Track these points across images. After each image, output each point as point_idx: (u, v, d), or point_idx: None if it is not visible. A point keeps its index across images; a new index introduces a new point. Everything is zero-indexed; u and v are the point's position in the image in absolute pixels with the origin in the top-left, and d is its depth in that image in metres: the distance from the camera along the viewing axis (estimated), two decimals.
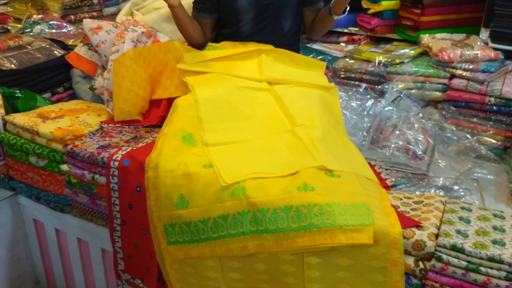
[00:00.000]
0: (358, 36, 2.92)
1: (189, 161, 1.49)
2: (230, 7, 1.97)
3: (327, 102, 1.91)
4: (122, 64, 1.89)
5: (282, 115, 1.71)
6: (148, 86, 1.97)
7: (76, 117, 2.01)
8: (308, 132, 1.62)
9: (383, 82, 2.51)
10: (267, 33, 2.02)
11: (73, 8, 2.96)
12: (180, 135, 1.59)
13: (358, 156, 1.76)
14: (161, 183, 1.49)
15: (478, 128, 2.34)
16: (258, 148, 1.58)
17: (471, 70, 2.31)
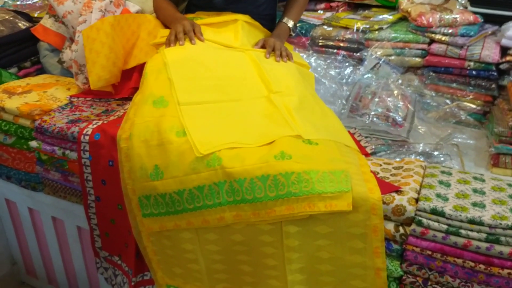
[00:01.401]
0: (336, 3, 2.85)
1: (162, 127, 1.43)
2: None
3: (303, 74, 1.87)
4: (101, 30, 1.79)
5: (258, 79, 1.65)
6: (122, 56, 1.89)
7: (44, 91, 1.92)
8: (284, 100, 1.57)
9: (361, 49, 2.46)
10: (240, 4, 1.94)
11: None
12: (151, 100, 1.52)
13: (337, 123, 1.72)
14: (135, 154, 1.43)
15: (457, 93, 2.32)
16: (233, 112, 1.52)
17: (450, 35, 2.28)
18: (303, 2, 2.11)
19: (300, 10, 2.09)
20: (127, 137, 1.46)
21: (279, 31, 1.98)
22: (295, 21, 2.04)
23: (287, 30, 2.01)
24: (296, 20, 2.06)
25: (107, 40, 1.79)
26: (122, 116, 1.65)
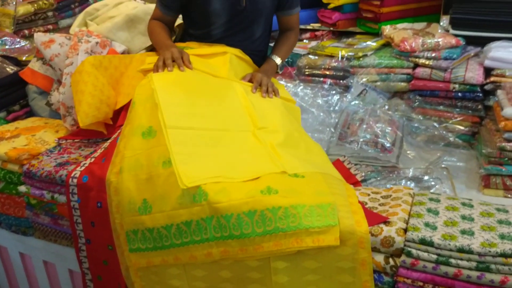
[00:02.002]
0: (321, 32, 2.90)
1: (151, 160, 1.43)
2: (202, 9, 1.90)
3: (289, 108, 1.88)
4: (83, 72, 1.81)
5: (245, 112, 1.66)
6: (111, 92, 1.89)
7: (33, 135, 1.93)
8: (269, 136, 1.57)
9: (347, 77, 2.49)
10: (238, 38, 1.96)
11: (27, 22, 2.86)
12: (140, 132, 1.51)
13: (322, 157, 1.73)
14: (124, 187, 1.44)
15: (445, 115, 2.34)
16: (219, 142, 1.51)
17: (433, 58, 2.31)
18: (292, 41, 2.13)
19: (289, 49, 2.12)
20: (118, 171, 1.47)
21: (266, 67, 2.00)
22: (282, 59, 2.06)
23: (274, 66, 2.03)
24: (283, 58, 2.08)
25: (89, 79, 1.81)
26: (108, 150, 1.65)
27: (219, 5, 1.87)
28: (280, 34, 2.15)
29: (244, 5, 1.88)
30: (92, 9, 2.32)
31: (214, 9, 1.87)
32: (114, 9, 2.28)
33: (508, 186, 1.93)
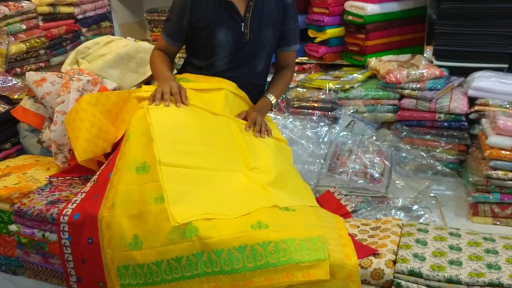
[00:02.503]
0: (308, 65, 2.97)
1: (142, 196, 1.45)
2: (207, 40, 1.93)
3: (281, 148, 1.90)
4: (80, 110, 1.84)
5: (238, 151, 1.68)
6: (110, 128, 1.91)
7: (24, 173, 1.94)
8: (260, 176, 1.60)
9: (335, 108, 2.54)
10: (240, 71, 1.99)
11: (19, 60, 2.91)
12: (134, 167, 1.53)
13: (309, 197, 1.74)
14: (116, 222, 1.45)
15: (432, 145, 2.38)
16: (211, 181, 1.53)
17: (418, 89, 2.37)
18: (288, 80, 2.16)
19: (284, 87, 2.15)
20: (110, 206, 1.48)
21: (261, 105, 2.03)
22: (277, 98, 2.09)
23: (269, 105, 2.06)
24: (278, 97, 2.10)
25: (86, 116, 1.83)
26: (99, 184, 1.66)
27: (224, 37, 1.91)
28: (276, 71, 2.18)
29: (248, 38, 1.93)
30: (84, 48, 2.36)
31: (219, 41, 1.91)
32: (105, 47, 2.33)
33: (496, 213, 1.96)
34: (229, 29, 1.89)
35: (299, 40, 2.11)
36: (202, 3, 1.86)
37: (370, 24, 2.69)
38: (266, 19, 1.92)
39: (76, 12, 3.35)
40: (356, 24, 2.74)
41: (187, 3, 1.86)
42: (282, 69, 2.13)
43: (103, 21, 3.66)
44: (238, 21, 1.88)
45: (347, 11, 2.77)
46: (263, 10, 1.90)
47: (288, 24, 1.99)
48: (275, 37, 1.99)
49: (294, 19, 2.03)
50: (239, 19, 1.88)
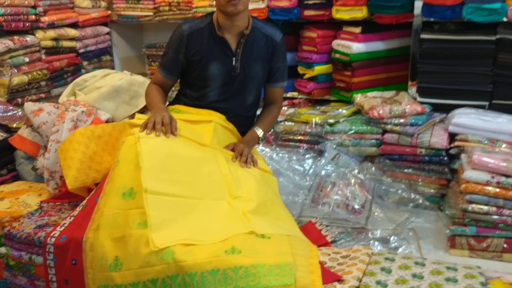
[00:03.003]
0: (298, 100, 3.08)
1: (126, 220, 1.52)
2: (200, 73, 2.05)
3: (266, 178, 1.98)
4: (74, 141, 1.94)
5: (222, 180, 1.76)
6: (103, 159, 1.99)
7: (16, 198, 2.03)
8: (242, 205, 1.68)
9: (321, 142, 2.62)
10: (230, 103, 2.10)
11: (20, 91, 3.05)
12: (121, 192, 1.61)
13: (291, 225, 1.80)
14: (99, 244, 1.52)
15: (413, 178, 2.46)
16: (194, 210, 1.61)
17: (400, 125, 2.46)
18: (275, 115, 2.25)
19: (271, 122, 2.24)
20: (95, 228, 1.56)
21: (249, 138, 2.11)
22: (265, 132, 2.17)
23: (256, 138, 2.14)
24: (265, 131, 2.18)
25: (79, 147, 1.93)
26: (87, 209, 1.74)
27: (216, 70, 2.02)
28: (264, 106, 2.27)
29: (238, 72, 2.04)
30: (81, 80, 2.49)
31: (211, 73, 2.03)
32: (101, 80, 2.45)
33: (472, 246, 2.02)
34: (221, 62, 2.00)
35: (286, 78, 2.21)
36: (197, 39, 1.98)
37: (355, 62, 2.81)
38: (256, 55, 2.04)
39: (78, 46, 3.51)
40: (342, 61, 2.87)
41: (183, 38, 1.98)
42: (270, 105, 2.23)
43: (104, 55, 3.83)
44: (229, 55, 2.00)
45: (334, 49, 2.90)
46: (253, 47, 2.02)
47: (277, 62, 2.11)
48: (263, 72, 2.09)
49: (283, 58, 2.14)
50: (231, 54, 2.00)
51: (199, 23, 2.00)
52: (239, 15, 1.93)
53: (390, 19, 2.69)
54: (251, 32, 2.01)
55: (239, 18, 1.95)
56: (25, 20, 3.07)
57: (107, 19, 3.84)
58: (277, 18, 2.96)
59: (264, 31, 2.05)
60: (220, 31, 1.97)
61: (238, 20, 1.95)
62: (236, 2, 1.86)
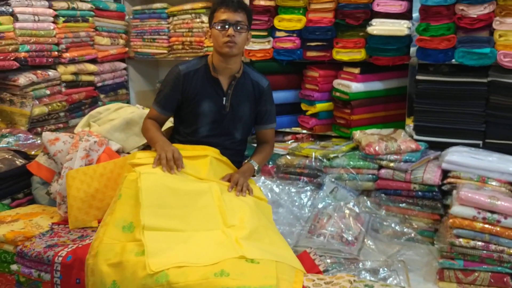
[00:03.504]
0: (301, 135, 3.22)
1: (125, 249, 1.66)
2: (193, 109, 2.20)
3: (260, 205, 2.10)
4: (76, 179, 2.15)
5: (217, 211, 1.90)
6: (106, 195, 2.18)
7: (30, 220, 2.19)
8: (236, 232, 1.80)
9: (320, 176, 2.74)
10: (220, 138, 2.25)
11: (40, 121, 3.25)
12: (121, 225, 1.76)
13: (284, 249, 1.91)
14: (98, 270, 1.66)
15: (408, 213, 2.55)
16: (189, 240, 1.75)
17: (395, 161, 2.57)
18: (268, 152, 2.40)
19: (265, 158, 2.38)
20: (94, 254, 1.69)
21: (245, 169, 2.24)
22: (259, 165, 2.31)
23: (252, 170, 2.26)
24: (260, 164, 2.32)
25: (82, 186, 2.14)
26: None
27: (208, 108, 2.18)
28: (257, 145, 2.42)
29: (227, 111, 2.21)
30: (96, 112, 2.69)
31: (203, 110, 2.19)
32: (114, 113, 2.64)
33: (460, 279, 2.09)
34: (212, 101, 2.17)
35: (275, 119, 2.37)
36: (193, 78, 2.16)
37: (354, 100, 2.95)
38: (244, 97, 2.21)
39: (96, 80, 3.73)
40: (342, 100, 3.01)
41: (180, 77, 2.15)
42: (262, 144, 2.38)
43: (120, 88, 4.04)
44: (221, 95, 2.17)
45: (335, 88, 3.06)
46: (243, 89, 2.21)
47: (264, 105, 2.28)
48: (250, 113, 2.26)
49: (270, 102, 2.32)
50: (222, 94, 2.17)
51: (195, 64, 2.19)
52: (233, 58, 2.12)
53: (387, 61, 2.84)
54: (242, 76, 2.20)
55: (233, 61, 2.14)
56: (48, 56, 3.31)
57: (125, 56, 4.08)
58: (281, 58, 3.14)
59: (253, 77, 2.25)
60: (215, 72, 2.16)
61: (232, 63, 2.14)
62: (232, 45, 2.05)
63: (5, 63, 3.01)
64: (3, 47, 2.98)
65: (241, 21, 2.08)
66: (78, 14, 3.53)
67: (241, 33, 2.09)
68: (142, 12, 4.00)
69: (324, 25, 2.97)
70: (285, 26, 3.08)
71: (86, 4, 3.62)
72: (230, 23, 2.05)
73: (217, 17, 2.09)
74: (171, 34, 3.89)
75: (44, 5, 3.26)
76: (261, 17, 3.13)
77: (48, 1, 3.29)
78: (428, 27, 2.62)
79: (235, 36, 2.05)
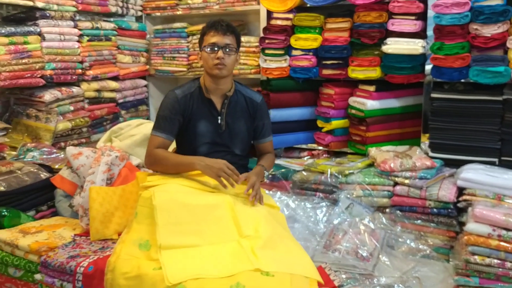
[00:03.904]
0: (317, 151, 3.26)
1: (142, 264, 1.73)
2: (190, 131, 2.28)
3: (273, 214, 2.15)
4: (100, 195, 2.23)
5: (232, 222, 1.94)
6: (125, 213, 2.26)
7: (53, 231, 2.26)
8: (251, 242, 1.85)
9: (336, 192, 2.77)
10: (220, 154, 2.29)
11: (64, 136, 3.36)
12: (138, 243, 1.84)
13: (301, 256, 1.94)
14: (115, 284, 1.72)
15: (423, 229, 2.56)
16: (206, 254, 1.81)
17: (410, 178, 2.59)
18: (272, 160, 2.46)
19: (270, 164, 2.44)
20: (112, 269, 1.76)
21: (257, 170, 2.28)
22: (268, 169, 2.39)
23: (262, 172, 2.32)
24: (268, 168, 2.40)
25: (104, 202, 2.23)
26: None
27: (204, 128, 2.25)
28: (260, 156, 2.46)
29: (223, 129, 2.27)
30: (117, 128, 2.77)
31: (200, 131, 2.25)
32: (135, 129, 2.73)
33: None
34: (208, 121, 2.25)
35: (271, 132, 2.43)
36: (189, 101, 2.23)
37: (370, 117, 2.99)
38: (239, 114, 2.29)
39: (118, 97, 3.84)
40: (358, 117, 3.05)
41: (176, 101, 2.21)
42: (264, 154, 2.44)
43: (141, 105, 4.15)
44: (215, 115, 2.25)
45: (350, 106, 3.10)
46: (237, 107, 2.28)
47: (260, 120, 2.35)
48: (247, 128, 2.33)
49: (266, 116, 2.38)
50: (216, 114, 2.25)
51: (189, 88, 2.26)
52: (223, 79, 2.20)
53: (402, 79, 2.88)
54: (234, 94, 2.28)
55: (223, 82, 2.22)
56: (72, 73, 3.43)
57: (145, 73, 4.19)
58: (297, 76, 3.20)
59: (245, 93, 2.32)
60: (207, 94, 2.23)
61: (222, 83, 2.22)
62: (222, 67, 2.14)
63: (32, 80, 3.13)
64: (30, 65, 3.10)
65: (230, 44, 2.17)
66: (102, 33, 3.66)
67: (230, 55, 2.17)
68: (162, 31, 4.13)
69: (340, 44, 3.03)
70: (301, 45, 3.15)
71: (110, 24, 3.75)
72: (219, 46, 2.14)
73: (207, 40, 2.17)
74: (190, 52, 4.01)
75: (69, 25, 3.40)
76: (278, 36, 3.20)
77: (74, 21, 3.43)
78: (442, 46, 2.66)
79: (224, 58, 2.14)
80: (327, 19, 3.09)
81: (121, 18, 4.02)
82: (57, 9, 3.30)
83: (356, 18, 2.96)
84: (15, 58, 3.01)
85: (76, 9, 3.45)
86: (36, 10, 3.19)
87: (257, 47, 3.58)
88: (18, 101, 3.36)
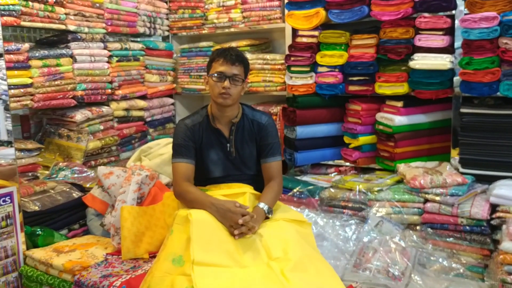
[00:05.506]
0: (344, 168, 3.24)
1: (174, 283, 1.74)
2: (202, 159, 2.28)
3: (302, 233, 2.14)
4: (131, 214, 2.29)
5: (261, 245, 1.95)
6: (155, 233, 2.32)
7: (86, 250, 2.30)
8: (281, 265, 1.85)
9: (364, 209, 2.75)
10: (234, 176, 2.30)
11: (94, 155, 3.42)
12: (171, 258, 1.85)
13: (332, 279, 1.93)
14: None
15: (455, 247, 2.51)
16: (237, 277, 1.82)
17: (441, 195, 2.55)
18: (277, 190, 2.29)
19: (274, 196, 2.24)
20: (147, 287, 1.78)
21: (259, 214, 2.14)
22: (270, 206, 2.16)
23: (262, 213, 2.16)
24: (271, 205, 2.18)
25: (135, 222, 2.29)
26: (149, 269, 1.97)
27: (216, 156, 2.26)
28: (265, 183, 2.34)
29: (234, 155, 2.28)
30: (147, 147, 2.82)
31: (212, 159, 2.27)
32: (164, 148, 2.77)
33: None
34: (218, 149, 2.26)
35: (280, 153, 2.34)
36: (199, 131, 2.24)
37: (398, 133, 2.96)
38: (247, 138, 2.28)
39: (145, 115, 3.90)
40: (386, 133, 3.03)
41: (187, 129, 2.23)
42: (269, 181, 2.31)
43: (168, 123, 4.21)
44: (224, 143, 2.26)
45: (378, 121, 3.08)
46: (244, 132, 2.27)
47: (265, 140, 2.29)
48: (256, 150, 2.31)
49: (272, 136, 2.31)
50: (225, 141, 2.26)
51: (198, 118, 2.27)
52: (229, 107, 2.21)
53: (430, 94, 2.85)
54: (240, 119, 2.27)
55: (229, 110, 2.22)
56: (102, 93, 3.51)
57: (172, 92, 4.25)
58: (323, 92, 3.20)
59: (252, 117, 2.30)
60: (214, 123, 2.24)
61: (228, 111, 2.23)
62: (227, 97, 2.14)
63: (64, 101, 3.22)
64: (63, 86, 3.19)
65: (237, 74, 2.16)
66: (130, 54, 3.74)
67: (237, 86, 2.17)
68: (189, 50, 4.20)
69: (366, 60, 3.02)
70: (327, 61, 3.16)
71: (138, 45, 3.84)
72: (226, 75, 2.14)
73: (215, 68, 2.17)
74: None
75: (99, 47, 3.48)
76: (303, 54, 3.22)
77: (103, 43, 3.52)
78: (471, 61, 2.63)
79: (230, 88, 2.14)
80: (352, 35, 3.09)
81: (149, 38, 4.11)
82: (87, 32, 3.39)
83: (382, 34, 2.96)
84: (48, 80, 3.10)
85: (105, 31, 3.54)
86: (68, 33, 3.29)
87: (282, 64, 3.60)
88: (51, 121, 3.45)
